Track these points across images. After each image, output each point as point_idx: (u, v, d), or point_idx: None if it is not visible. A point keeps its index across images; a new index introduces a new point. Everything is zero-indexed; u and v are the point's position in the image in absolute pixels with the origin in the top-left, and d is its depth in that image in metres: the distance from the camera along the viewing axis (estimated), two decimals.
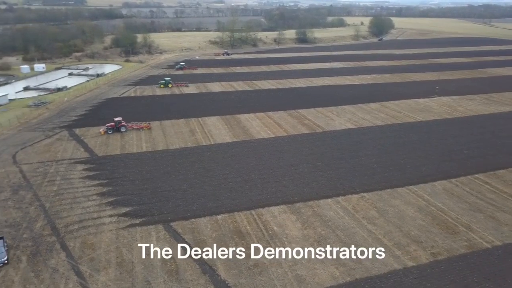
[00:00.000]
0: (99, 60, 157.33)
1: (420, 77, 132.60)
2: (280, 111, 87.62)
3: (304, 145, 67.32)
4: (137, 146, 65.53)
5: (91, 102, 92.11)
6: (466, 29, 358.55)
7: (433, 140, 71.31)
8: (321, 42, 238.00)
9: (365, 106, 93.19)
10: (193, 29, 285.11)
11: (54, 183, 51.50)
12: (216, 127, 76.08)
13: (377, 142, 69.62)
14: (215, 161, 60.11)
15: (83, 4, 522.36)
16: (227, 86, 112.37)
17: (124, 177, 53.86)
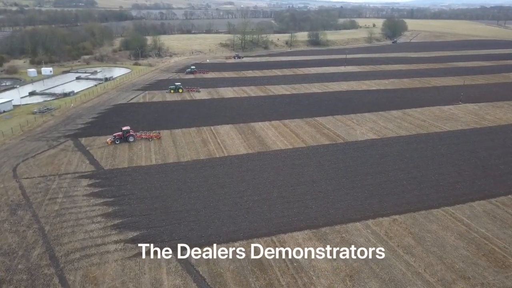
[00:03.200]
0: (107, 63, 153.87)
1: (441, 82, 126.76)
2: (296, 119, 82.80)
3: (325, 158, 62.39)
4: (146, 158, 61.16)
5: (98, 109, 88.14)
6: (481, 31, 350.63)
7: (464, 152, 65.88)
8: (333, 44, 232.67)
9: (386, 114, 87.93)
10: (203, 31, 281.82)
11: (56, 201, 47.23)
12: (230, 137, 71.49)
13: (403, 154, 64.42)
14: (229, 175, 55.47)
15: (93, 6, 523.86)
16: (239, 92, 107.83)
17: (132, 194, 49.44)
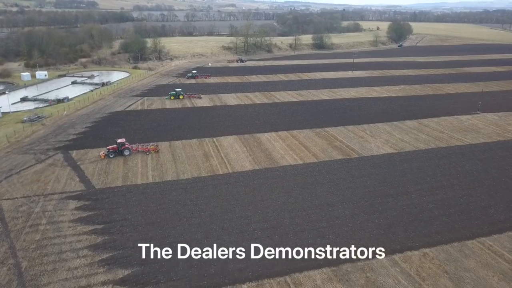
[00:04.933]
0: (105, 67, 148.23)
1: (454, 89, 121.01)
2: (305, 130, 77.13)
3: (340, 176, 56.63)
4: (142, 175, 55.43)
5: (93, 117, 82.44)
6: (487, 35, 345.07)
7: (491, 170, 60.07)
8: (338, 48, 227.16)
9: (401, 124, 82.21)
10: (205, 33, 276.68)
11: (38, 228, 41.51)
12: (234, 150, 65.79)
13: (425, 172, 58.64)
14: (234, 197, 49.74)
15: (94, 7, 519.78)
16: (243, 98, 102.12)
17: (125, 220, 43.71)
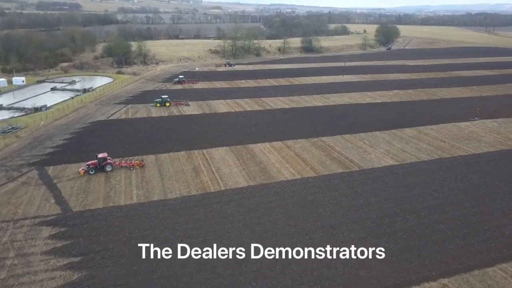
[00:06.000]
0: (88, 72, 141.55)
1: (448, 94, 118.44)
2: (300, 139, 72.91)
3: (341, 192, 52.42)
4: (125, 195, 50.31)
5: (72, 127, 76.73)
6: (472, 38, 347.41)
7: (500, 183, 56.66)
8: (327, 51, 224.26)
9: (400, 133, 78.64)
10: (192, 36, 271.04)
11: (5, 263, 36.19)
12: (226, 163, 61.09)
13: (431, 186, 54.88)
14: (228, 219, 45.04)
15: (78, 9, 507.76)
16: (233, 105, 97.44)
17: (106, 250, 38.67)
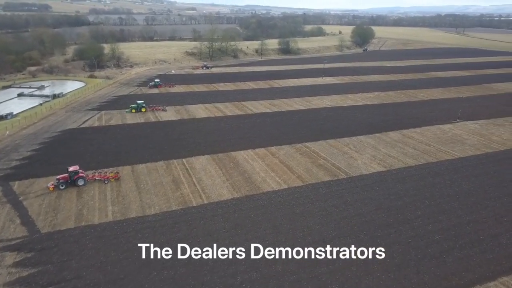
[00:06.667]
0: (58, 76, 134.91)
1: (427, 95, 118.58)
2: (284, 146, 70.30)
3: (331, 202, 50.00)
4: (100, 212, 46.31)
5: (41, 137, 71.58)
6: (444, 39, 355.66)
7: (489, 188, 55.57)
8: (305, 53, 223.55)
9: (384, 136, 77.21)
10: (167, 37, 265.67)
11: None
12: (208, 174, 57.75)
13: (421, 193, 53.20)
14: (213, 237, 41.81)
15: (48, 11, 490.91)
16: (213, 110, 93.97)
17: (78, 278, 34.80)
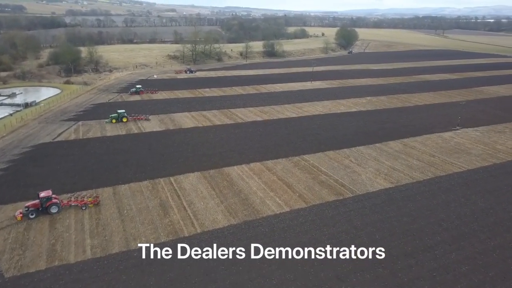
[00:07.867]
0: (31, 82, 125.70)
1: (421, 100, 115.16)
2: (280, 159, 64.83)
3: (340, 228, 44.61)
4: (76, 247, 39.70)
5: (9, 154, 63.96)
6: (425, 40, 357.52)
7: (508, 206, 51.36)
8: (290, 55, 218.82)
9: (385, 147, 72.63)
10: (147, 40, 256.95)
11: None
12: (199, 195, 51.68)
13: (436, 214, 48.46)
14: (211, 277, 35.88)
15: (22, 12, 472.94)
16: (200, 118, 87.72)
17: None
